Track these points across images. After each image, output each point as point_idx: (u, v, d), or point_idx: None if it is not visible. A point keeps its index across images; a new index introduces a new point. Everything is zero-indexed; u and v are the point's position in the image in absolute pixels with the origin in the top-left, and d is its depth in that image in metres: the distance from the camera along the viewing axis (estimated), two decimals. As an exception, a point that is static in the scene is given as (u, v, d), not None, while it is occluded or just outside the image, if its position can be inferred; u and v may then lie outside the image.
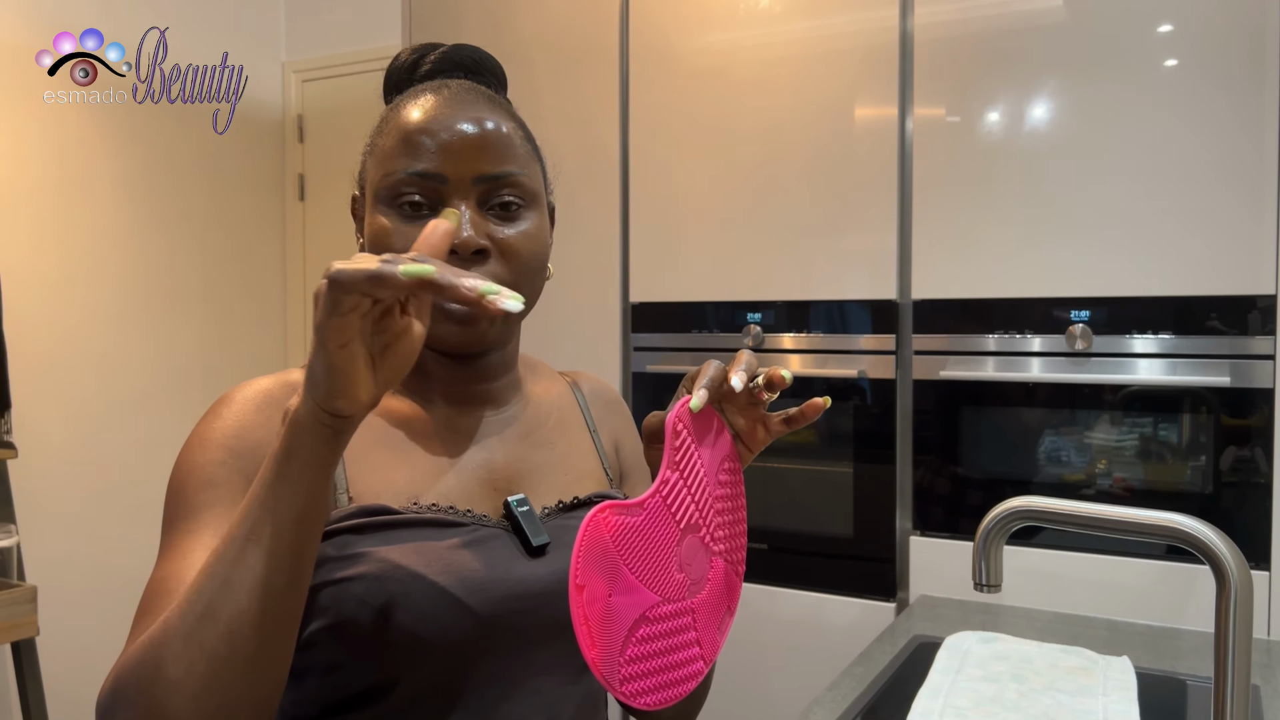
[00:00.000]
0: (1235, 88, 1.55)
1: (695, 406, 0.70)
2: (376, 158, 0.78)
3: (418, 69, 0.85)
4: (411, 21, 2.32)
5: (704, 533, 0.71)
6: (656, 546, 0.66)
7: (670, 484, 0.68)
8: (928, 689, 1.27)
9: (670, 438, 0.69)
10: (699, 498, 0.71)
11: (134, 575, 2.74)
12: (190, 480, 0.72)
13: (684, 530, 0.69)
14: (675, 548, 0.68)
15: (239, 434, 0.73)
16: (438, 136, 0.75)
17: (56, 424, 2.55)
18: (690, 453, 0.70)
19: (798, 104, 1.89)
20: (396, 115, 0.78)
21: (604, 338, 2.10)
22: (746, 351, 0.74)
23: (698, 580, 0.70)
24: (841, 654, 1.70)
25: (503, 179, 0.76)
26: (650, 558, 0.66)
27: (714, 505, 0.72)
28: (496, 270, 0.75)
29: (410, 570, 0.71)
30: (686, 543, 0.69)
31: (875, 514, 1.83)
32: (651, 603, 0.65)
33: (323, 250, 3.19)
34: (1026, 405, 1.72)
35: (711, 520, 0.72)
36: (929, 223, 1.78)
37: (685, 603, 0.68)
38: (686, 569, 0.69)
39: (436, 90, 0.79)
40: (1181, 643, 1.51)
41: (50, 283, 2.54)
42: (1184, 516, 0.78)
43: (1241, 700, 0.76)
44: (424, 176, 0.74)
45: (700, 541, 0.70)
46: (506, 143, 0.77)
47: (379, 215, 0.76)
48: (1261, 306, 1.54)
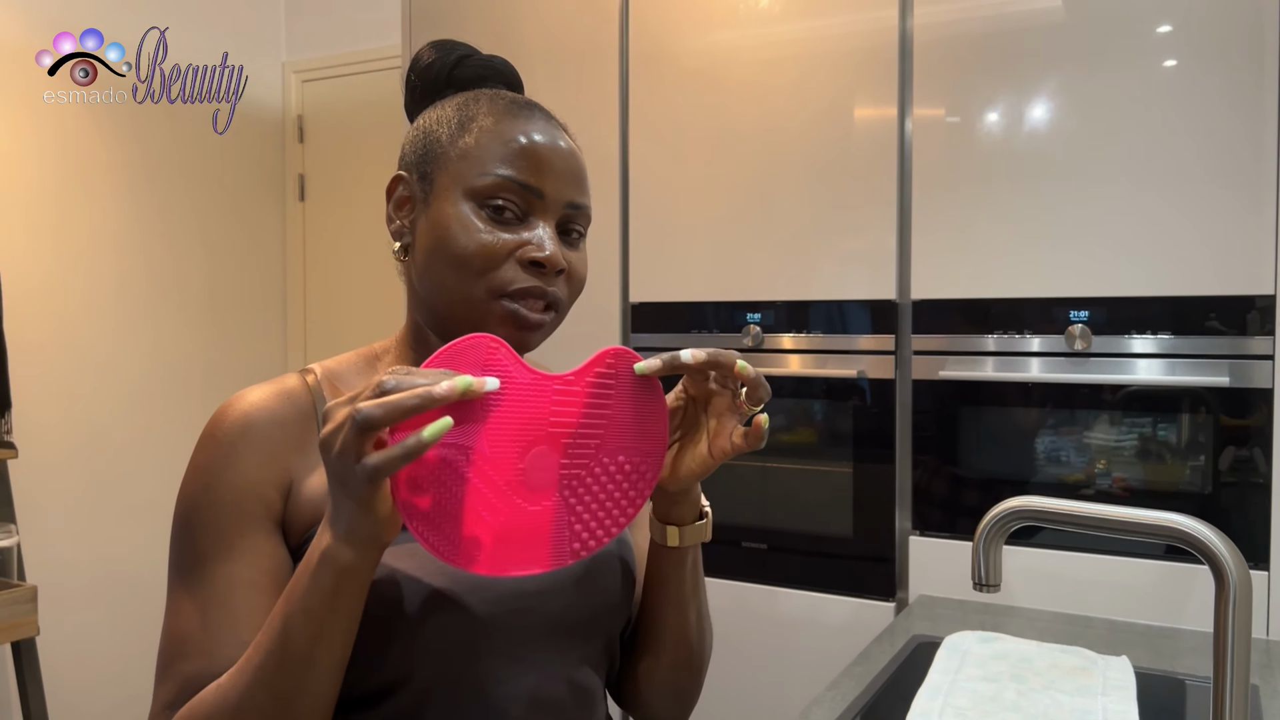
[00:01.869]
0: (1235, 88, 1.55)
1: (640, 369, 0.71)
2: (462, 154, 0.78)
3: (457, 68, 0.85)
4: (411, 21, 2.32)
5: (566, 463, 0.69)
6: (515, 414, 0.66)
7: (568, 385, 0.69)
8: (927, 689, 1.27)
9: (595, 360, 0.70)
10: (583, 427, 0.69)
11: (134, 575, 2.75)
12: (193, 522, 0.74)
13: (548, 434, 0.68)
14: (530, 440, 0.67)
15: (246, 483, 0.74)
16: (546, 154, 0.78)
17: (56, 424, 2.55)
18: (608, 389, 0.70)
19: (797, 104, 1.89)
20: (490, 119, 0.79)
21: (604, 338, 2.10)
22: (737, 355, 0.73)
23: (531, 491, 0.67)
24: (841, 654, 1.70)
25: (582, 209, 0.81)
26: (504, 416, 0.65)
27: (595, 456, 0.70)
28: (562, 289, 0.79)
29: (408, 574, 0.72)
30: (542, 448, 0.68)
31: (875, 514, 1.83)
32: (481, 454, 0.64)
33: (323, 250, 3.19)
34: (1026, 405, 1.72)
35: (581, 464, 0.69)
36: (928, 223, 1.78)
37: (504, 488, 0.66)
38: (528, 470, 0.67)
39: (527, 105, 0.81)
40: (1181, 643, 1.51)
41: (50, 283, 2.54)
42: (1183, 516, 0.78)
43: (1240, 700, 0.76)
44: (524, 187, 0.77)
45: (556, 463, 0.68)
46: (585, 175, 0.82)
47: (465, 209, 0.76)
48: (1260, 307, 1.54)
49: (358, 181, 3.09)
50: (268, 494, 0.74)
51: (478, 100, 0.81)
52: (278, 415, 0.76)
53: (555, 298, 0.77)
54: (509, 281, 0.75)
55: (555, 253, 0.76)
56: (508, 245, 0.76)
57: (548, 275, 0.76)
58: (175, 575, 0.74)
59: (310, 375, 0.81)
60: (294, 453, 0.76)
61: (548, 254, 0.75)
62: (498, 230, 0.76)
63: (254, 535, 0.73)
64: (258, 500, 0.73)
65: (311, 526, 0.74)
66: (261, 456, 0.74)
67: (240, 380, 3.07)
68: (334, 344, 3.16)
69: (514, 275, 0.75)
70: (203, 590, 0.71)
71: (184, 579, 0.73)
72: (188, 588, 0.72)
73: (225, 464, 0.74)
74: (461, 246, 0.75)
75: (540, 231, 0.77)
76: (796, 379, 1.92)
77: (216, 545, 0.72)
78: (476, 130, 0.78)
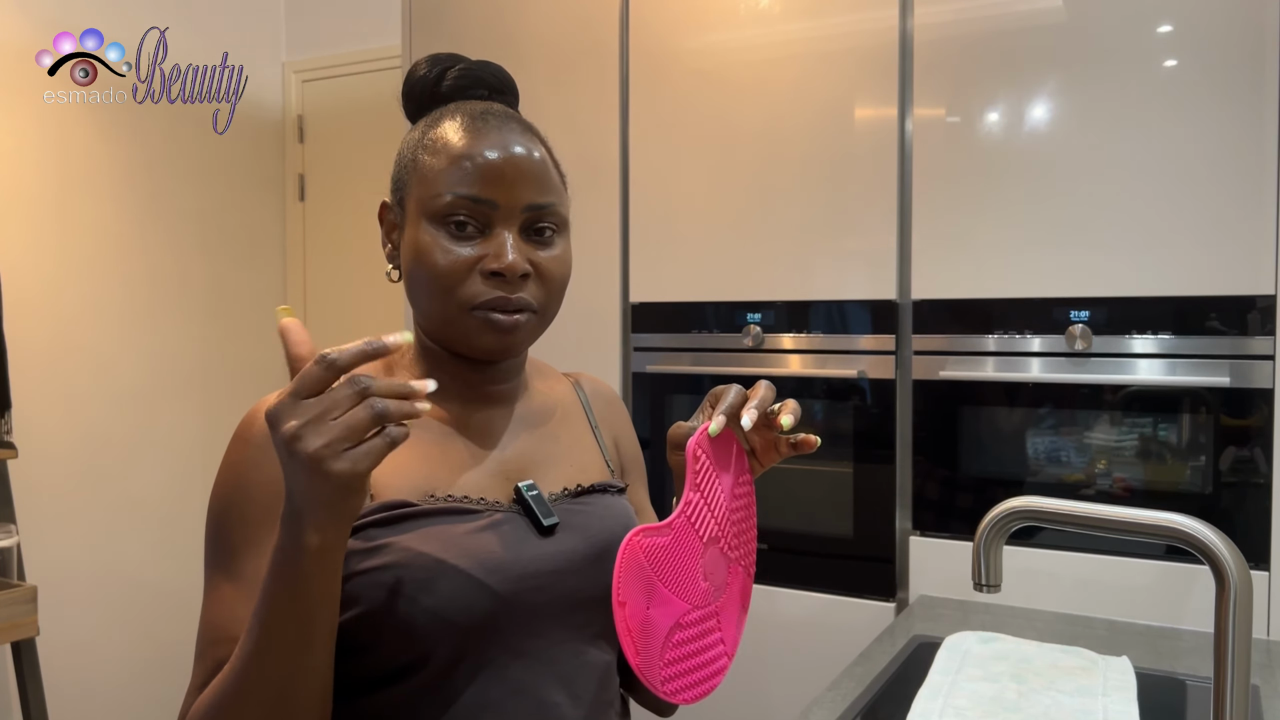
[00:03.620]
0: (1235, 88, 1.55)
1: (713, 432, 0.78)
2: (422, 174, 0.82)
3: (441, 83, 0.88)
4: (412, 22, 2.32)
5: (723, 543, 0.79)
6: (684, 561, 0.75)
7: (693, 505, 0.76)
8: (927, 689, 1.27)
9: (691, 462, 0.77)
10: (718, 513, 0.79)
11: (134, 575, 2.75)
12: (226, 518, 0.79)
13: (706, 544, 0.77)
14: (699, 560, 0.76)
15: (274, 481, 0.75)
16: (492, 164, 0.80)
17: (56, 424, 2.55)
18: (709, 473, 0.78)
19: (797, 104, 1.89)
20: (445, 135, 0.82)
21: (604, 338, 2.10)
22: (765, 384, 0.82)
23: (719, 586, 0.78)
24: (841, 654, 1.70)
25: (546, 209, 0.83)
26: (679, 571, 0.74)
27: (730, 518, 0.80)
28: (535, 291, 0.82)
29: (432, 556, 0.76)
30: (709, 554, 0.77)
31: (875, 514, 1.83)
32: (682, 611, 0.73)
33: (323, 250, 3.19)
34: (1026, 405, 1.72)
35: (729, 531, 0.80)
36: (928, 223, 1.78)
37: (710, 607, 0.76)
38: (710, 577, 0.77)
39: (482, 115, 0.84)
40: (1181, 643, 1.51)
41: (50, 283, 2.54)
42: (1183, 516, 0.78)
43: (1241, 700, 0.76)
44: (476, 201, 0.80)
45: (720, 552, 0.79)
46: (547, 173, 0.84)
47: (426, 232, 0.81)
48: (1261, 307, 1.54)
49: (358, 181, 3.09)
50: None
51: (440, 119, 0.85)
52: None
53: (523, 302, 0.81)
54: (476, 294, 0.80)
55: (513, 260, 0.79)
56: (468, 260, 0.80)
57: (511, 283, 0.80)
58: (211, 565, 0.79)
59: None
60: None
61: (504, 264, 0.79)
62: (459, 246, 0.80)
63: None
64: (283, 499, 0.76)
65: None
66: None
67: (240, 380, 3.08)
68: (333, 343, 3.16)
69: (479, 288, 0.80)
70: (236, 583, 0.76)
71: (219, 570, 0.78)
72: (222, 581, 0.77)
73: (254, 464, 0.78)
74: (429, 267, 0.80)
75: (497, 240, 0.80)
76: (796, 379, 1.92)
77: (247, 541, 0.77)
78: (434, 151, 0.82)
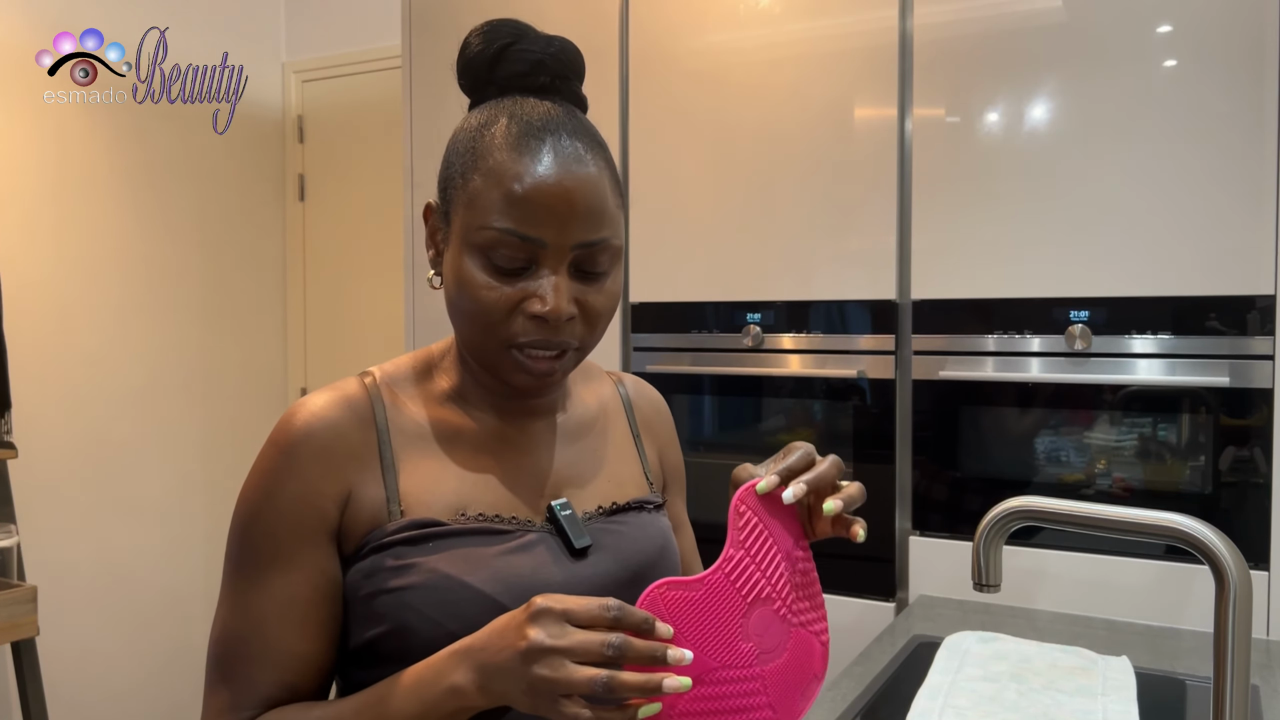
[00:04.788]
0: (1235, 88, 1.55)
1: (762, 489, 0.74)
2: (470, 196, 0.76)
3: (498, 65, 0.81)
4: (411, 22, 2.32)
5: (779, 605, 0.74)
6: (719, 618, 0.71)
7: (734, 561, 0.73)
8: (927, 689, 1.27)
9: (733, 518, 0.74)
10: (770, 573, 0.74)
11: (134, 575, 2.75)
12: (253, 528, 0.77)
13: (751, 604, 0.73)
14: (741, 619, 0.72)
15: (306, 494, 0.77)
16: (542, 197, 0.74)
17: (56, 424, 2.55)
18: (757, 529, 0.74)
19: (797, 105, 1.89)
20: (494, 152, 0.76)
21: (604, 337, 2.10)
22: (832, 459, 0.76)
23: (771, 650, 0.73)
24: (841, 654, 1.69)
25: (598, 245, 0.77)
26: (711, 628, 0.70)
27: (790, 579, 0.75)
28: (579, 330, 0.79)
29: (458, 579, 0.75)
30: (756, 615, 0.73)
31: (875, 514, 1.83)
32: (709, 668, 0.70)
33: (323, 250, 3.19)
34: (1026, 405, 1.72)
35: (788, 593, 0.75)
36: (928, 223, 1.78)
37: (752, 669, 0.72)
38: (757, 639, 0.73)
39: (538, 130, 0.76)
40: (1181, 643, 1.51)
41: (50, 283, 2.54)
42: (1183, 516, 0.78)
43: (1241, 700, 0.76)
44: (524, 239, 0.74)
45: (775, 614, 0.74)
46: (603, 201, 0.77)
47: (469, 263, 0.76)
48: (1260, 307, 1.54)
49: (358, 181, 3.09)
50: (325, 506, 0.77)
51: (494, 121, 0.78)
52: (338, 425, 0.78)
53: (565, 344, 0.78)
54: (516, 334, 0.76)
55: (557, 305, 0.75)
56: (511, 300, 0.75)
57: (555, 326, 0.76)
58: (234, 574, 0.77)
59: (369, 378, 0.83)
60: (351, 462, 0.78)
61: (549, 308, 0.75)
62: (501, 284, 0.75)
63: (310, 549, 0.76)
64: (315, 513, 0.76)
65: (368, 535, 0.77)
66: (320, 469, 0.77)
67: (240, 380, 3.08)
68: (334, 344, 3.17)
69: (521, 328, 0.76)
70: (261, 598, 0.76)
71: (244, 580, 0.77)
72: (246, 593, 0.76)
73: (286, 474, 0.76)
74: (469, 302, 0.76)
75: (544, 281, 0.75)
76: (796, 379, 1.92)
77: (274, 555, 0.76)
78: (483, 169, 0.76)
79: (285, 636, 0.75)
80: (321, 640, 0.77)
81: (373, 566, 0.76)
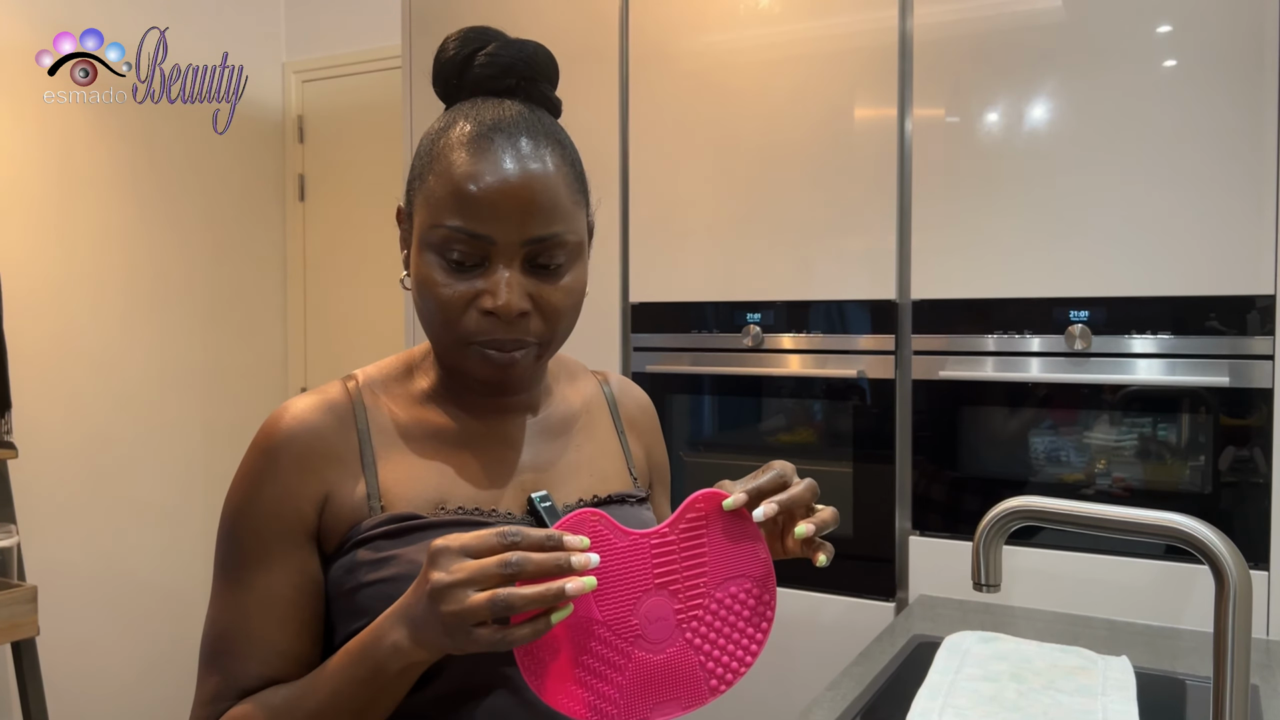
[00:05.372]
0: (1235, 88, 1.55)
1: (728, 506, 0.74)
2: (425, 198, 0.79)
3: (469, 68, 0.83)
4: (411, 22, 2.32)
5: (680, 608, 0.74)
6: (623, 576, 0.71)
7: (664, 538, 0.74)
8: (927, 689, 1.27)
9: (685, 508, 0.74)
10: (686, 572, 0.74)
11: (134, 575, 2.75)
12: (237, 528, 0.80)
13: (657, 587, 0.73)
14: (641, 593, 0.72)
15: (285, 496, 0.79)
16: (489, 195, 0.75)
17: (57, 424, 2.55)
18: (698, 531, 0.74)
19: (797, 105, 1.89)
20: (450, 152, 0.77)
21: (604, 338, 2.10)
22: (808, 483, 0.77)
23: (651, 641, 0.73)
24: (841, 654, 1.70)
25: (549, 240, 0.77)
26: (613, 580, 0.71)
27: (709, 590, 0.74)
28: (537, 326, 0.79)
29: None
30: (655, 601, 0.73)
31: (875, 514, 1.83)
32: (593, 618, 0.70)
33: (323, 250, 3.19)
34: (1026, 405, 1.72)
35: (695, 604, 0.74)
36: (928, 223, 1.78)
37: (625, 644, 0.72)
38: (644, 622, 0.72)
39: (489, 131, 0.78)
40: (1181, 642, 1.51)
41: (50, 283, 2.54)
42: (1183, 516, 0.78)
43: (1240, 700, 0.76)
44: (473, 236, 0.76)
45: (672, 613, 0.73)
46: (554, 199, 0.78)
47: (426, 261, 0.78)
48: (1260, 307, 1.54)
49: (358, 182, 3.09)
50: (304, 509, 0.79)
51: (454, 123, 0.80)
52: (319, 429, 0.81)
53: (521, 341, 0.79)
54: (473, 331, 0.78)
55: (508, 301, 0.76)
56: (464, 296, 0.77)
57: (508, 322, 0.77)
58: (221, 572, 0.80)
59: (352, 382, 0.85)
60: (332, 464, 0.80)
61: (499, 303, 0.76)
62: (455, 281, 0.77)
63: (291, 549, 0.79)
64: (294, 514, 0.79)
65: (347, 535, 0.79)
66: (299, 472, 0.79)
67: (240, 379, 3.08)
68: (334, 344, 3.17)
69: (476, 325, 0.78)
70: (245, 594, 0.78)
71: (229, 580, 0.80)
72: (232, 589, 0.79)
73: (267, 477, 0.79)
74: (427, 299, 0.78)
75: (496, 278, 0.76)
76: (796, 379, 1.92)
77: (257, 554, 0.78)
78: (437, 170, 0.78)
79: (268, 632, 0.78)
80: (304, 636, 0.79)
81: (353, 561, 0.78)
